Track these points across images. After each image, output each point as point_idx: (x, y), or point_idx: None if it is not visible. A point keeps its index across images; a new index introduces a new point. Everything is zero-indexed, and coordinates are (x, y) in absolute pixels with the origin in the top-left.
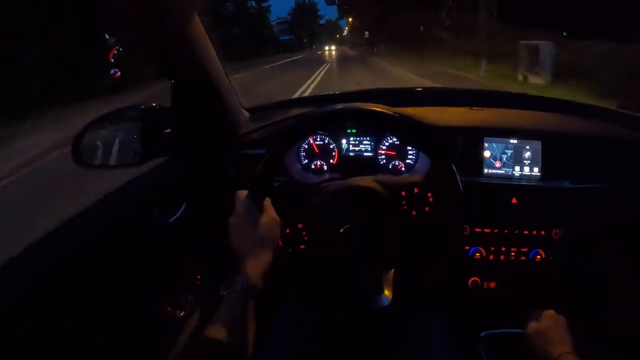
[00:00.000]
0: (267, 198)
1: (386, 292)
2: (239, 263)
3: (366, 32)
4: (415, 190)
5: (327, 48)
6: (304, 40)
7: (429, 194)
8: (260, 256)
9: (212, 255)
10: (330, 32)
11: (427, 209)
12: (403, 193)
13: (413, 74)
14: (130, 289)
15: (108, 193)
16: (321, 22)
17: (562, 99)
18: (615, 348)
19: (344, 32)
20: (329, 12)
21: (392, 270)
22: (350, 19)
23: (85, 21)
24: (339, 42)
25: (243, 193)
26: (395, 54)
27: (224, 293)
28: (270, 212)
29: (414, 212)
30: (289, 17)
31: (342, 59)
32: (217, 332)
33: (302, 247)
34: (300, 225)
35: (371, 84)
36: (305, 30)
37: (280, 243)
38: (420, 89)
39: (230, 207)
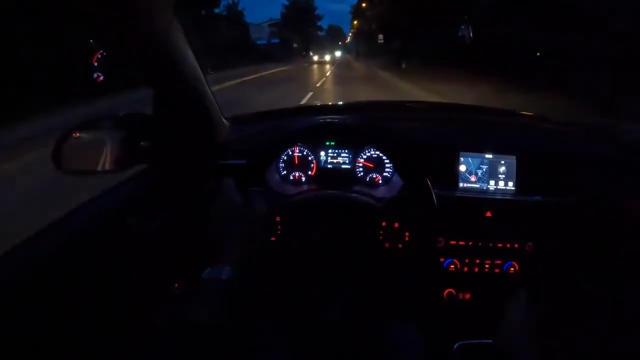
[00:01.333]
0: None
1: (339, 307)
2: (219, 251)
3: (380, 36)
4: (396, 225)
5: (316, 58)
6: (294, 45)
7: (407, 233)
8: (242, 244)
9: (191, 256)
10: (332, 38)
11: (400, 245)
12: (384, 224)
13: None
14: (110, 294)
15: (87, 200)
16: (320, 24)
17: (535, 114)
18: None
19: (347, 39)
20: (329, 17)
21: (353, 284)
22: (355, 22)
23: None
24: (345, 50)
25: (230, 181)
26: (439, 77)
27: (204, 278)
28: (257, 204)
29: (387, 245)
30: (280, 19)
31: (341, 80)
32: (196, 316)
33: (273, 238)
34: (277, 218)
35: None
36: (301, 33)
37: (262, 234)
38: (396, 103)
39: (210, 209)
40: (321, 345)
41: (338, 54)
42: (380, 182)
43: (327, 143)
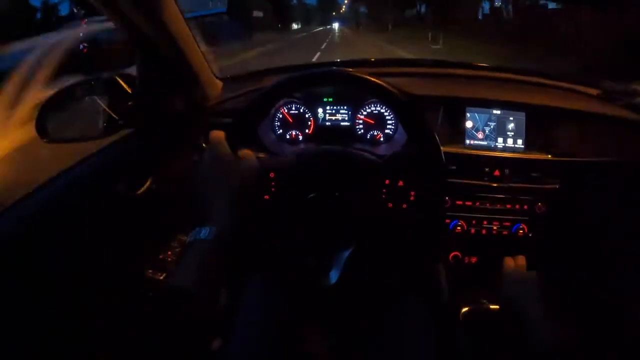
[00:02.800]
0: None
1: (335, 271)
2: (207, 211)
3: None
4: (400, 183)
5: (299, 36)
6: (255, 14)
7: (412, 192)
8: (231, 204)
9: (182, 220)
10: (324, 10)
11: (404, 205)
12: (387, 182)
13: None
14: (96, 261)
15: (72, 165)
16: None
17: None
18: (594, 317)
19: (342, 9)
20: None
21: (349, 249)
22: None
23: None
24: (343, 22)
25: (219, 134)
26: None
27: (190, 241)
28: (248, 158)
29: (390, 205)
30: None
31: None
32: (182, 280)
33: (266, 197)
34: (272, 175)
35: None
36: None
37: (254, 192)
38: (402, 59)
39: (198, 170)
40: (316, 310)
41: (335, 26)
42: (381, 139)
43: (325, 99)
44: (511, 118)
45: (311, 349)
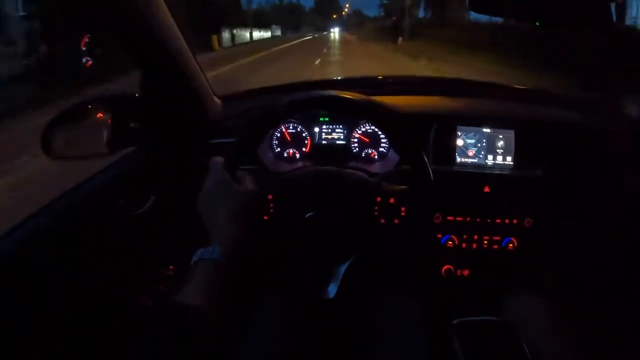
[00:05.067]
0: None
1: (333, 285)
2: (211, 232)
3: None
4: (391, 200)
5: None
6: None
7: (403, 208)
8: (233, 225)
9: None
10: (323, 14)
11: (396, 221)
12: (379, 199)
13: None
14: (98, 278)
15: (76, 184)
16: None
17: (534, 89)
18: (591, 331)
19: (343, 11)
20: None
21: (347, 263)
22: None
23: None
24: (343, 26)
25: (218, 160)
26: None
27: (195, 260)
28: (247, 182)
29: (382, 221)
30: None
31: None
32: (187, 299)
33: (266, 217)
34: (270, 197)
35: None
36: None
37: (254, 212)
38: (393, 77)
39: (200, 189)
40: (316, 324)
41: (335, 31)
42: (375, 157)
43: (321, 119)
44: (501, 136)
45: None
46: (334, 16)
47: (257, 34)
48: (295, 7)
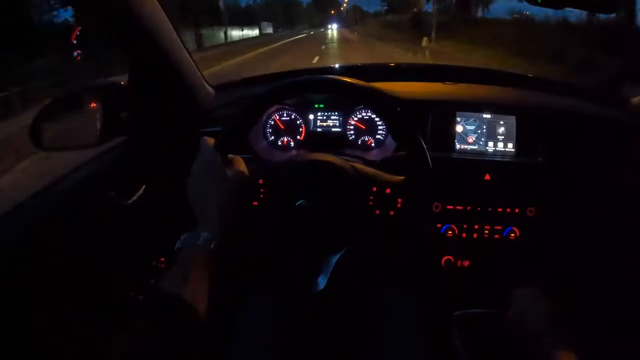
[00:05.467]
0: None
1: (323, 276)
2: (197, 217)
3: None
4: (387, 191)
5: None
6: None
7: (399, 200)
8: (221, 210)
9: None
10: (320, 9)
11: (392, 212)
12: (374, 189)
13: None
14: (89, 267)
15: (65, 174)
16: None
17: (535, 76)
18: (593, 324)
19: (341, 7)
20: None
21: (338, 255)
22: None
23: None
24: (341, 22)
25: (209, 140)
26: None
27: (180, 245)
28: (238, 164)
29: (377, 212)
30: None
31: None
32: (172, 286)
33: (255, 203)
34: (260, 181)
35: None
36: None
37: (243, 198)
38: (392, 64)
39: (189, 176)
40: (307, 317)
41: (332, 28)
42: (372, 145)
43: (316, 105)
44: (502, 122)
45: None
46: (332, 12)
47: (240, 33)
48: (292, 3)
